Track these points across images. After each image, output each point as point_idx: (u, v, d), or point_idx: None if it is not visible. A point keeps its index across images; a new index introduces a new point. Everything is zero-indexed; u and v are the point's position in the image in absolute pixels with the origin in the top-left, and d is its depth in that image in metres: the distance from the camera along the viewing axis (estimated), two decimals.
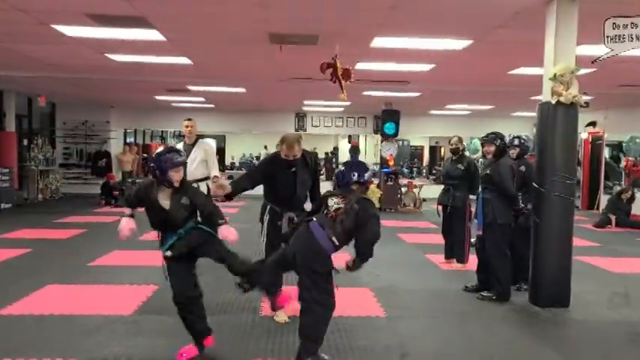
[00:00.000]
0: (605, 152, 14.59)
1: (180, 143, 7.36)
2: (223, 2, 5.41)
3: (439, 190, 7.22)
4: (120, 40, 6.93)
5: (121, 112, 16.39)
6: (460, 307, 5.25)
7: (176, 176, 3.57)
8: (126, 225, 3.61)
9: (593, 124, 14.07)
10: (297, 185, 4.51)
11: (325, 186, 4.54)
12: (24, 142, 14.15)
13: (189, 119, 7.18)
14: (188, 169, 6.85)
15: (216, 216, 3.62)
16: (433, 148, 28.34)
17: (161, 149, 3.70)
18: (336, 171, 4.24)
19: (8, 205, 12.15)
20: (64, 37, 6.77)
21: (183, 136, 6.74)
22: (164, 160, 3.55)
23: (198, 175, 6.98)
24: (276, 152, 4.59)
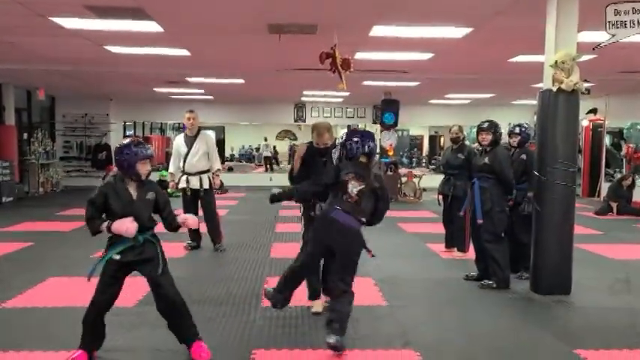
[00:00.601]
0: (606, 139, 14.56)
1: (181, 135, 7.32)
2: None
3: (439, 179, 7.23)
4: (118, 31, 6.89)
5: (120, 104, 16.37)
6: (461, 296, 5.27)
7: (143, 169, 3.50)
8: (126, 221, 3.41)
9: (594, 111, 14.03)
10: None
11: None
12: (24, 136, 14.14)
13: (190, 111, 7.13)
14: (190, 162, 6.93)
15: (174, 218, 3.62)
16: (433, 138, 28.32)
17: (126, 141, 3.58)
18: (341, 141, 4.07)
19: (9, 198, 12.18)
20: (62, 29, 6.74)
21: (183, 128, 6.69)
22: (132, 152, 3.46)
23: (201, 167, 6.96)
24: (312, 142, 4.60)
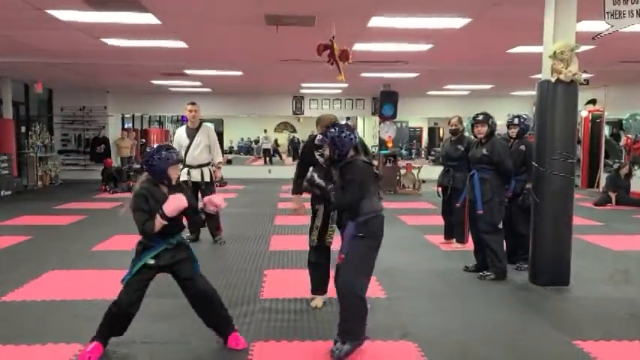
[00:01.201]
0: (605, 130, 14.54)
1: (182, 127, 7.29)
2: None
3: (438, 171, 7.21)
4: (114, 24, 6.84)
5: (118, 97, 16.31)
6: (460, 287, 5.27)
7: (174, 173, 3.51)
8: (173, 199, 3.35)
9: (593, 101, 14.00)
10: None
11: None
12: (22, 129, 14.11)
13: (192, 103, 7.07)
14: (192, 154, 6.92)
15: (199, 216, 3.66)
16: (432, 129, 28.31)
17: (156, 146, 3.59)
18: (321, 137, 3.69)
19: (8, 192, 12.16)
20: (59, 22, 6.70)
21: (183, 121, 6.67)
22: (164, 157, 3.44)
23: (202, 160, 6.95)
24: (311, 135, 4.59)
